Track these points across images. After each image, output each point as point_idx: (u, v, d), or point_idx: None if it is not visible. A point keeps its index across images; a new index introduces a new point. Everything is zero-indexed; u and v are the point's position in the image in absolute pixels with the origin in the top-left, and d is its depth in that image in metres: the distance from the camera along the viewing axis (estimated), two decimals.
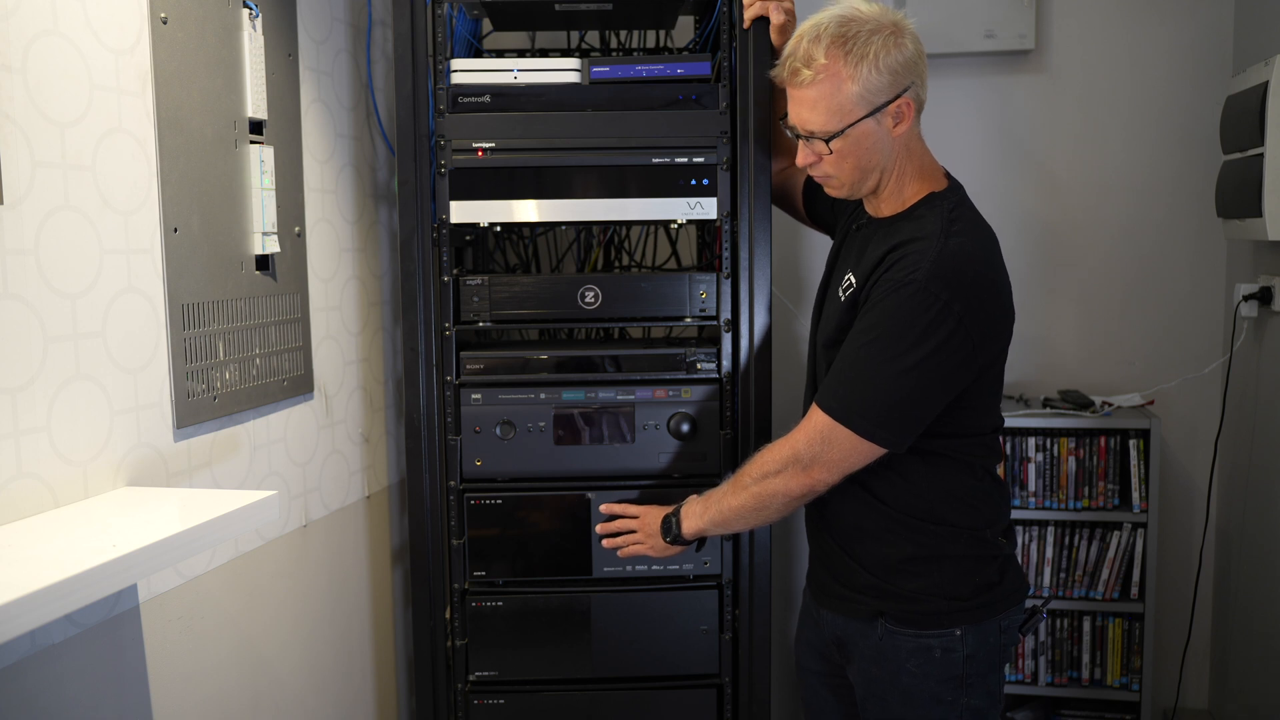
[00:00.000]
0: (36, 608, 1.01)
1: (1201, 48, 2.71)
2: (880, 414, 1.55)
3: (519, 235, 2.40)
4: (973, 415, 1.64)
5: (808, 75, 1.58)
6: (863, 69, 1.55)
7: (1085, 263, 2.81)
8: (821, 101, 1.58)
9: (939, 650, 1.64)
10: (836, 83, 1.57)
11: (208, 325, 1.61)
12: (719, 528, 1.77)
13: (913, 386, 1.54)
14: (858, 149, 1.60)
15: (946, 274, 1.52)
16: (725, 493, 1.73)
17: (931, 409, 1.57)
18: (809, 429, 1.61)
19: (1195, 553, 2.75)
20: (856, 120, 1.58)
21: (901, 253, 1.56)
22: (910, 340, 1.52)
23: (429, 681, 2.07)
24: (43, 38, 1.30)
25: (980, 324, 1.54)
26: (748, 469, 1.69)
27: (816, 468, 1.60)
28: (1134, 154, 2.76)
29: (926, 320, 1.51)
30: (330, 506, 2.04)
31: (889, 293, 1.54)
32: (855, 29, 1.56)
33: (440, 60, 1.99)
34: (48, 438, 1.30)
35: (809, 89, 1.59)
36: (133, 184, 1.46)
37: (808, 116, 1.61)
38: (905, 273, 1.53)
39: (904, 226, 1.62)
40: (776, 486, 1.64)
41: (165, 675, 1.54)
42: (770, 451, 1.67)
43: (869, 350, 1.56)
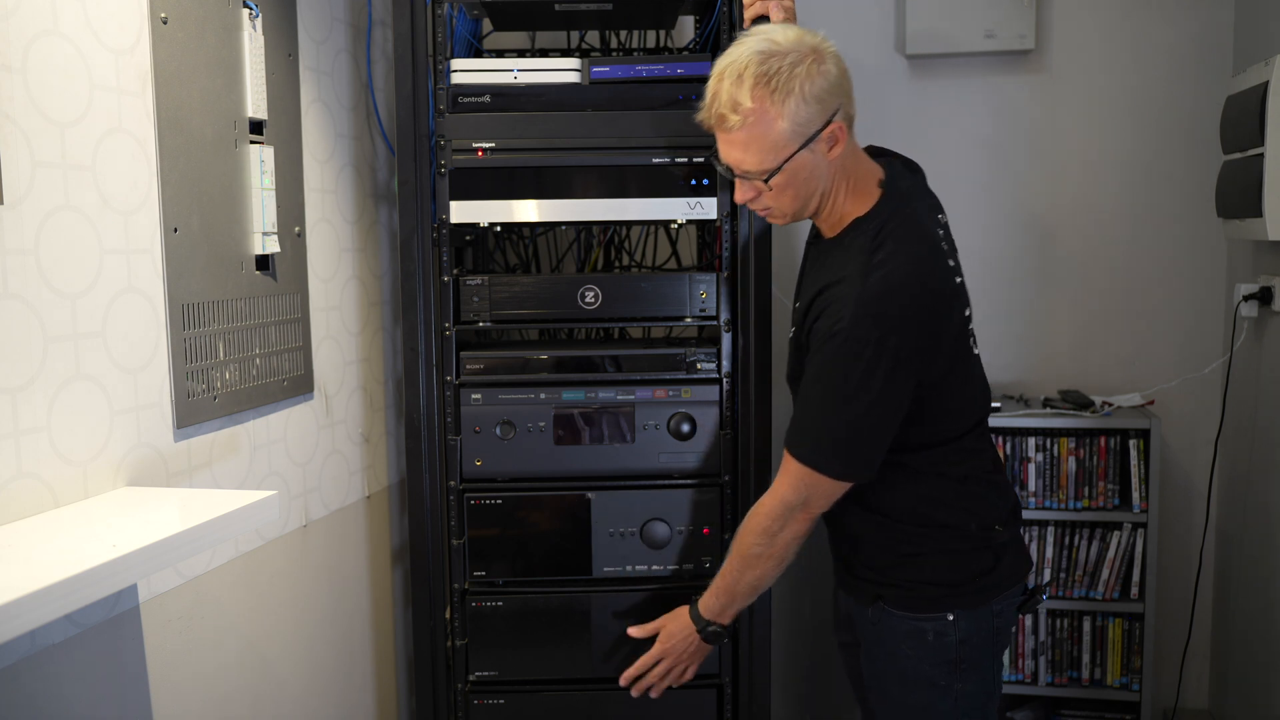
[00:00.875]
0: (36, 608, 1.01)
1: (1201, 48, 2.71)
2: (848, 456, 1.61)
3: (519, 235, 2.40)
4: (940, 425, 1.66)
5: (736, 120, 1.55)
6: (790, 104, 1.53)
7: (1085, 263, 2.81)
8: (753, 143, 1.56)
9: (931, 634, 1.66)
10: (766, 123, 1.54)
11: (208, 325, 1.61)
12: (750, 599, 1.77)
13: (870, 425, 1.59)
14: (795, 180, 1.59)
15: (871, 313, 1.54)
16: (739, 570, 1.72)
17: (888, 435, 1.61)
18: (790, 478, 1.64)
19: (1195, 553, 2.75)
20: (791, 155, 1.56)
21: (826, 299, 1.59)
22: (854, 385, 1.56)
23: (429, 681, 2.07)
24: (43, 38, 1.30)
25: (917, 348, 1.57)
26: (749, 539, 1.69)
27: (812, 504, 1.64)
28: (1134, 154, 2.76)
29: (863, 364, 1.54)
30: (330, 506, 2.04)
31: (821, 344, 1.58)
32: (776, 65, 1.53)
33: (440, 60, 1.99)
34: (48, 438, 1.30)
35: (733, 139, 1.57)
36: (133, 184, 1.46)
37: (740, 158, 1.59)
38: (832, 322, 1.56)
39: (834, 259, 1.63)
40: (787, 538, 1.66)
41: (165, 675, 1.54)
42: (762, 512, 1.68)
43: (821, 401, 1.61)
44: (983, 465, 1.72)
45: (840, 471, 1.61)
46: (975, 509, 1.69)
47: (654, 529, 2.02)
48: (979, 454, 1.72)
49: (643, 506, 2.02)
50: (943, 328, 1.61)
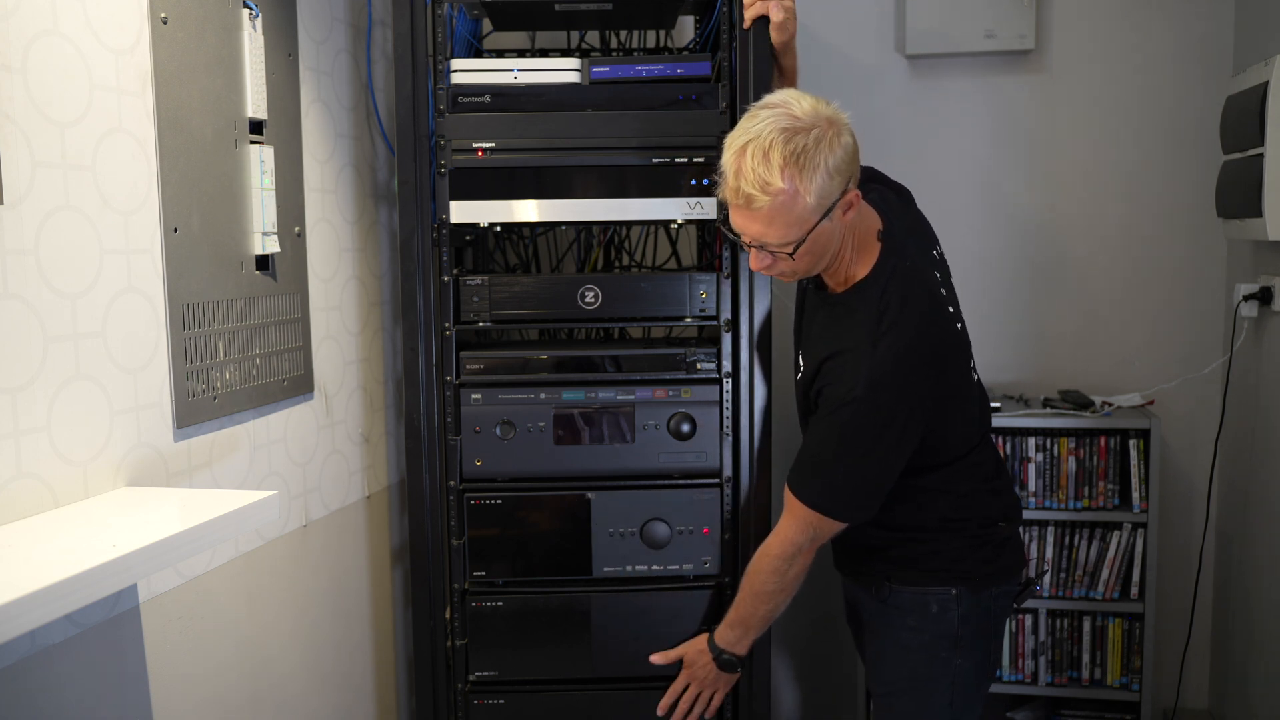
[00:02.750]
0: (36, 608, 1.01)
1: (1201, 48, 2.71)
2: (858, 502, 1.70)
3: (519, 235, 2.40)
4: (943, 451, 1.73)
5: (764, 201, 1.54)
6: (816, 180, 1.54)
7: (1085, 263, 2.81)
8: (778, 219, 1.56)
9: (935, 605, 1.75)
10: (795, 200, 1.55)
11: (208, 325, 1.61)
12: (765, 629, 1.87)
13: (878, 475, 1.69)
14: (815, 248, 1.62)
15: (883, 383, 1.61)
16: (752, 605, 1.81)
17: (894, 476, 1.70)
18: (798, 521, 1.72)
19: (1195, 553, 2.75)
20: (814, 227, 1.58)
21: (836, 366, 1.66)
22: (866, 446, 1.65)
23: (429, 681, 2.07)
24: (43, 38, 1.30)
25: (925, 403, 1.65)
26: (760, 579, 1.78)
27: (818, 540, 1.74)
28: (1134, 154, 2.76)
29: (875, 427, 1.63)
30: (330, 506, 2.04)
31: (834, 409, 1.65)
32: (802, 142, 1.53)
33: (440, 60, 1.99)
34: (48, 438, 1.30)
35: (759, 218, 1.57)
36: (133, 184, 1.46)
37: (762, 231, 1.59)
38: (845, 389, 1.63)
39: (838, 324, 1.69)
40: (797, 571, 1.75)
41: (165, 675, 1.54)
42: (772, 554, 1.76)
43: (833, 457, 1.68)
44: (984, 475, 1.81)
45: (849, 516, 1.71)
46: (978, 513, 1.79)
47: (654, 529, 2.02)
48: (980, 466, 1.80)
49: (643, 506, 2.02)
50: (948, 380, 1.69)
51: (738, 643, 1.87)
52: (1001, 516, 1.80)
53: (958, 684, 1.77)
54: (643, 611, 2.04)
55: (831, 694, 2.95)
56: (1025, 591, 1.84)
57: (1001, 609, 1.80)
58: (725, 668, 1.91)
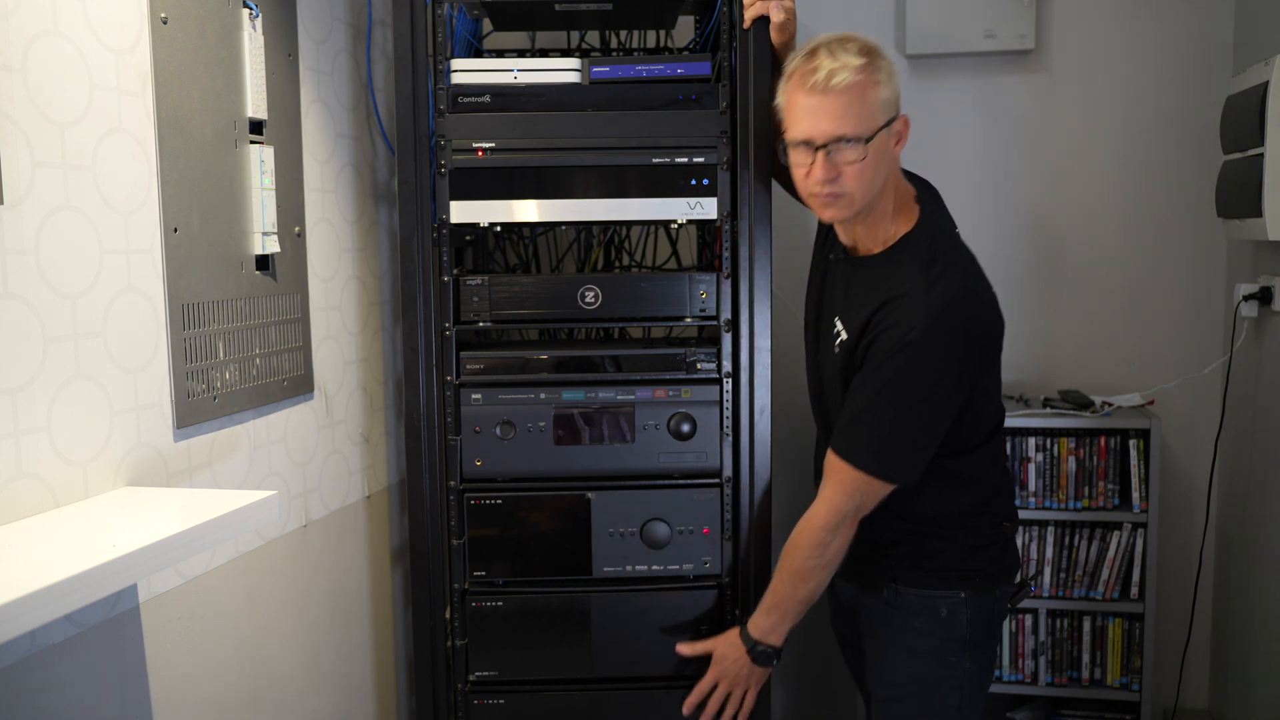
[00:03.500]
0: (36, 608, 1.01)
1: (1201, 48, 2.71)
2: (906, 461, 1.66)
3: (519, 235, 2.40)
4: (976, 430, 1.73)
5: (844, 78, 1.58)
6: (884, 76, 1.62)
7: (1085, 263, 2.81)
8: (853, 106, 1.59)
9: (945, 610, 1.73)
10: (867, 87, 1.59)
11: (208, 325, 1.61)
12: (801, 616, 1.80)
13: (928, 432, 1.66)
14: (877, 161, 1.62)
15: (940, 327, 1.59)
16: (791, 586, 1.75)
17: (940, 437, 1.68)
18: (844, 486, 1.68)
19: (1195, 553, 2.75)
20: (882, 126, 1.61)
21: (891, 312, 1.63)
22: (922, 393, 1.62)
23: (429, 681, 2.07)
24: (43, 38, 1.30)
25: (976, 360, 1.66)
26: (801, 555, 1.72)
27: (863, 510, 1.70)
28: (1134, 154, 2.76)
29: (931, 375, 1.60)
30: (330, 506, 2.04)
31: (889, 355, 1.62)
32: (869, 44, 1.61)
33: (440, 60, 1.99)
34: (48, 438, 1.30)
35: (842, 94, 1.59)
36: (133, 184, 1.46)
37: (837, 121, 1.60)
38: (901, 333, 1.60)
39: (885, 277, 1.67)
40: (840, 545, 1.71)
41: (165, 675, 1.54)
42: (816, 525, 1.70)
43: (884, 408, 1.64)
44: (1001, 469, 1.82)
45: (899, 476, 1.67)
46: (991, 507, 1.78)
47: (654, 529, 2.02)
48: (998, 459, 1.82)
49: (643, 506, 2.02)
50: (992, 336, 1.70)
51: (773, 631, 1.80)
52: (1007, 516, 1.81)
53: (965, 687, 1.75)
54: (643, 611, 2.04)
55: (828, 693, 2.95)
56: (1021, 592, 1.83)
57: (1003, 610, 1.81)
58: (760, 661, 1.83)
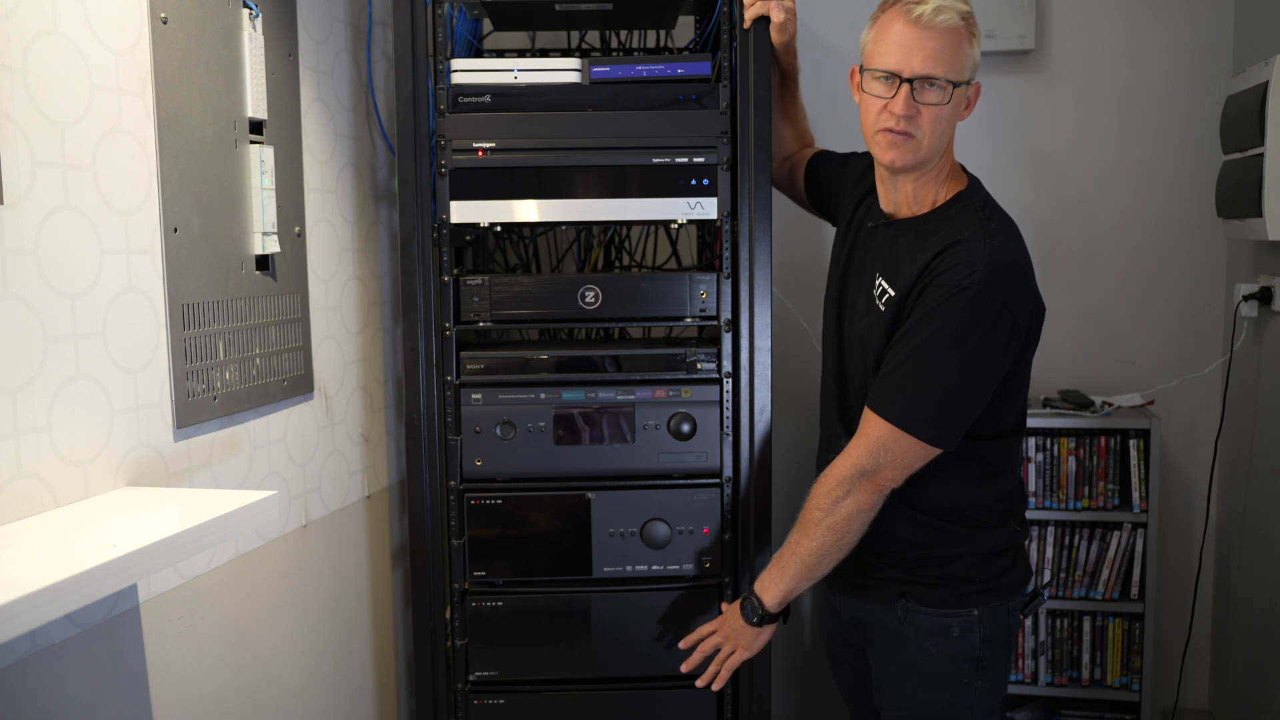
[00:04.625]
0: (36, 608, 1.01)
1: (1201, 48, 2.71)
2: (944, 418, 1.58)
3: (519, 235, 2.40)
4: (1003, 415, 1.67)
5: (948, 19, 1.58)
6: (978, 33, 1.65)
7: (1085, 262, 2.81)
8: (949, 49, 1.59)
9: (957, 629, 1.68)
10: (965, 36, 1.61)
11: (208, 325, 1.61)
12: (804, 580, 1.70)
13: (973, 390, 1.58)
14: (954, 113, 1.63)
15: (1001, 275, 1.55)
16: (796, 541, 1.69)
17: (982, 404, 1.61)
18: (869, 440, 1.60)
19: (1195, 553, 2.75)
20: (967, 81, 1.62)
21: (951, 255, 1.58)
22: (973, 344, 1.55)
23: (429, 681, 2.07)
24: (43, 38, 1.30)
25: (1028, 321, 1.60)
26: (811, 505, 1.66)
27: (882, 473, 1.61)
28: (1134, 154, 2.76)
29: (988, 322, 1.55)
30: (330, 506, 2.04)
31: (947, 296, 1.55)
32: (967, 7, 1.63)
33: (440, 60, 1.99)
34: (48, 438, 1.30)
35: (942, 35, 1.58)
36: (133, 184, 1.46)
37: (933, 57, 1.58)
38: (961, 275, 1.55)
39: (940, 227, 1.64)
40: (849, 508, 1.63)
41: (165, 675, 1.54)
42: (829, 477, 1.65)
43: (932, 356, 1.57)
44: (1019, 469, 1.77)
45: (931, 435, 1.58)
46: (1009, 508, 1.73)
47: (654, 529, 2.02)
48: (1019, 459, 1.78)
49: (643, 506, 2.02)
50: (1039, 310, 1.65)
51: (769, 587, 1.72)
52: (1021, 520, 1.76)
53: (978, 706, 1.71)
54: (643, 611, 2.04)
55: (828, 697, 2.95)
56: (1033, 602, 1.77)
57: (1016, 622, 1.76)
58: (746, 614, 1.76)
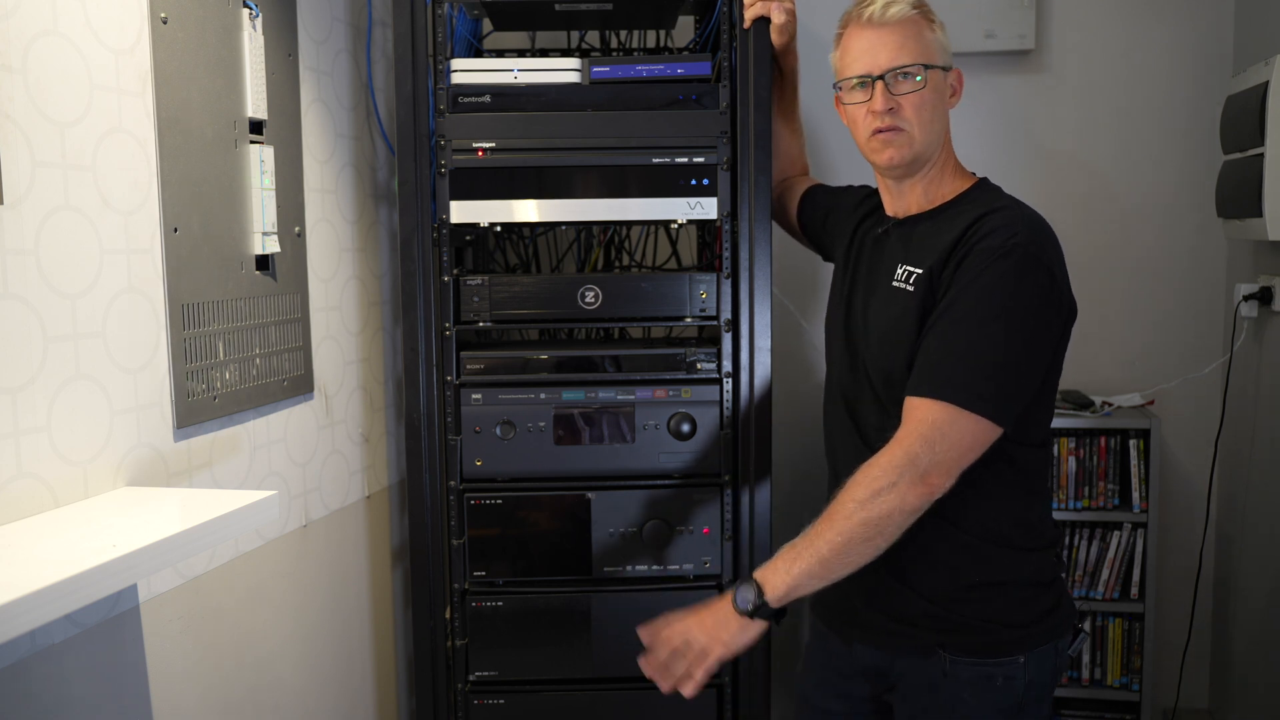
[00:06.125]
0: (37, 608, 1.01)
1: (1201, 48, 2.71)
2: (1001, 392, 1.44)
3: (519, 235, 2.40)
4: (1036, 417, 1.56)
5: (899, 10, 1.57)
6: (938, 25, 1.61)
7: (1085, 262, 2.80)
8: (910, 39, 1.58)
9: (1001, 679, 1.54)
10: (922, 24, 1.60)
11: (208, 325, 1.61)
12: (815, 577, 1.45)
13: (1029, 359, 1.47)
14: (934, 100, 1.59)
15: (1044, 240, 1.50)
16: (817, 532, 1.45)
17: (1035, 384, 1.49)
18: (920, 425, 1.42)
19: (1195, 553, 2.75)
20: (939, 65, 1.60)
21: (989, 222, 1.50)
22: (1025, 308, 1.45)
23: (429, 681, 2.07)
24: (43, 38, 1.30)
25: (1068, 296, 1.52)
26: (846, 496, 1.44)
27: (935, 472, 1.42)
28: (1134, 154, 2.76)
29: (1038, 288, 1.46)
30: (330, 506, 2.04)
31: (991, 261, 1.45)
32: None
33: (440, 60, 1.99)
34: (48, 438, 1.30)
35: (898, 27, 1.57)
36: (133, 184, 1.46)
37: (895, 51, 1.57)
38: (1004, 238, 1.46)
39: (964, 208, 1.57)
40: (891, 503, 1.41)
41: (165, 675, 1.54)
42: (874, 465, 1.44)
43: (982, 323, 1.45)
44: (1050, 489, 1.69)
45: (988, 409, 1.41)
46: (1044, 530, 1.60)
47: (654, 529, 2.02)
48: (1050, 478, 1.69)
49: (643, 506, 2.02)
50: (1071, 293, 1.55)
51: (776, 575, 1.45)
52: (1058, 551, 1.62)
53: None
54: (643, 611, 2.01)
55: None
56: (1077, 639, 1.62)
57: (1063, 664, 1.60)
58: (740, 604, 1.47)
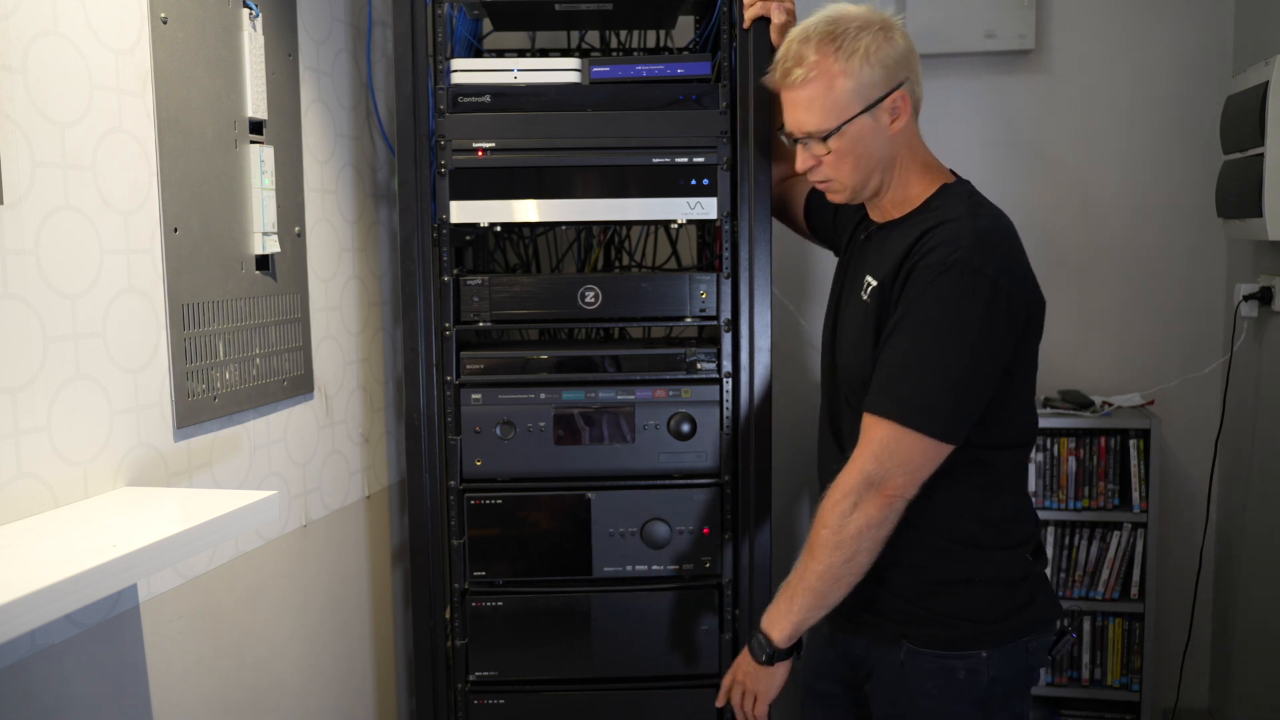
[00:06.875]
0: (37, 608, 1.01)
1: (1201, 48, 2.71)
2: (946, 409, 1.48)
3: (519, 235, 2.40)
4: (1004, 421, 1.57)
5: (799, 74, 1.55)
6: (854, 63, 1.53)
7: (1085, 263, 2.81)
8: (816, 100, 1.56)
9: (963, 672, 1.57)
10: (829, 79, 1.54)
11: (208, 325, 1.61)
12: (815, 610, 1.57)
13: (974, 375, 1.49)
14: (856, 148, 1.57)
15: (987, 249, 1.48)
16: (804, 566, 1.56)
17: (986, 395, 1.51)
18: (871, 444, 1.50)
19: (1195, 553, 2.75)
20: (852, 117, 1.55)
21: (934, 236, 1.51)
22: (965, 324, 1.47)
23: (429, 681, 2.07)
24: (43, 38, 1.30)
25: (1021, 303, 1.51)
26: (819, 525, 1.54)
27: (889, 485, 1.49)
28: (1134, 154, 2.76)
29: (980, 301, 1.46)
30: (330, 506, 2.04)
31: (934, 277, 1.48)
32: (843, 26, 1.55)
33: (440, 60, 1.99)
34: (48, 438, 1.30)
35: (802, 89, 1.56)
36: (133, 184, 1.46)
37: (803, 118, 1.58)
38: (946, 253, 1.47)
39: (924, 217, 1.58)
40: (859, 523, 1.50)
41: (165, 675, 1.54)
42: (835, 491, 1.53)
43: (924, 344, 1.49)
44: (1024, 487, 1.68)
45: (935, 428, 1.47)
46: (1016, 530, 1.62)
47: (654, 529, 2.02)
48: (1024, 476, 1.68)
49: (643, 506, 2.02)
50: (1037, 298, 1.57)
51: (778, 621, 1.58)
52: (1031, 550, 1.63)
53: None
54: (643, 611, 2.04)
55: None
56: (1061, 641, 1.64)
57: (1037, 661, 1.62)
58: (755, 654, 1.61)
